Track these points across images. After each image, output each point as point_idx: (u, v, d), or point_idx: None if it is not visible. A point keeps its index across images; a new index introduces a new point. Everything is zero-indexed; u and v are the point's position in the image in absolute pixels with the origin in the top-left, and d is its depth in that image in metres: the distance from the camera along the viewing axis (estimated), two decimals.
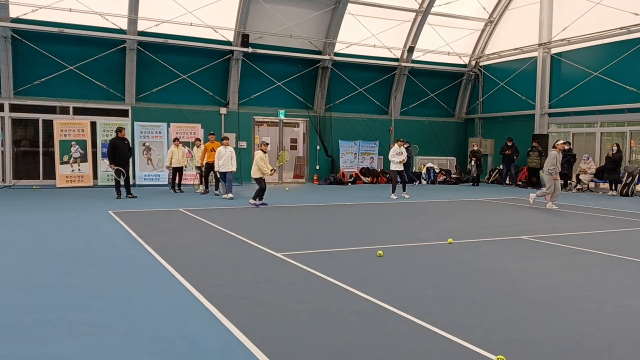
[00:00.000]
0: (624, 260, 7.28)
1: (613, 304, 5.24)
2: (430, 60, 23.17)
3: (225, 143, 14.45)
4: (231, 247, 7.83)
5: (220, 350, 3.94)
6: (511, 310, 5.00)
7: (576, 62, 19.81)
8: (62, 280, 5.83)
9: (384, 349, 3.97)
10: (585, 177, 18.63)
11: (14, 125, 17.74)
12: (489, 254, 7.60)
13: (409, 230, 9.78)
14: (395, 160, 15.30)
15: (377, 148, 22.72)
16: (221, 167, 14.31)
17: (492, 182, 22.54)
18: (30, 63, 17.43)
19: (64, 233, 8.85)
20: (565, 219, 11.61)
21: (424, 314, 4.75)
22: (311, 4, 20.02)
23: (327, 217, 11.46)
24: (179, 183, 16.45)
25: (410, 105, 23.47)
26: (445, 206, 13.78)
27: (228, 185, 14.49)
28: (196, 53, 19.35)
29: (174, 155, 16.14)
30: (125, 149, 14.32)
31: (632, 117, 18.09)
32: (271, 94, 20.89)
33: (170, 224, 10.00)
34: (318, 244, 8.24)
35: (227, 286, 5.69)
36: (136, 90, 18.78)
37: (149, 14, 18.14)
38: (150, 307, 4.93)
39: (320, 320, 4.59)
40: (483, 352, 3.91)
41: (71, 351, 3.88)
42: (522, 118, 21.97)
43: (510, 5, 22.69)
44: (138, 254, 7.23)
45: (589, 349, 4.08)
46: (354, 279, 5.97)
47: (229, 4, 18.95)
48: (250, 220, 10.66)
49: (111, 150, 14.10)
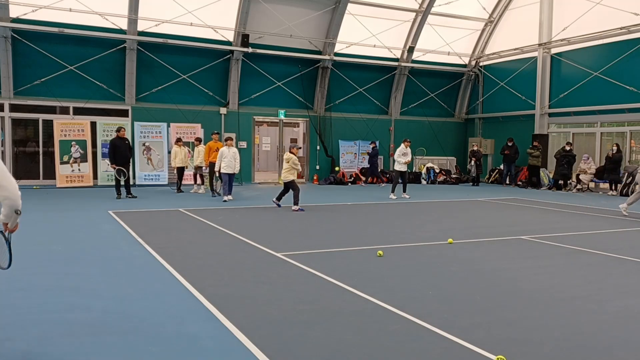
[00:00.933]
0: (624, 260, 7.28)
1: (613, 304, 5.24)
2: (430, 60, 23.17)
3: (228, 144, 13.91)
4: (231, 247, 7.83)
5: (220, 350, 3.94)
6: (511, 310, 5.00)
7: (576, 62, 19.80)
8: (62, 280, 5.83)
9: (384, 349, 3.97)
10: (585, 177, 18.63)
11: (14, 125, 17.73)
12: (489, 254, 7.60)
13: (409, 230, 9.78)
14: (400, 161, 15.27)
15: (377, 148, 22.68)
16: (224, 168, 13.71)
17: (492, 182, 22.54)
18: (30, 63, 17.42)
19: (64, 233, 8.85)
20: (565, 219, 11.61)
21: (424, 314, 4.75)
22: (311, 4, 20.01)
23: (327, 217, 11.46)
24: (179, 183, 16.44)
25: (410, 105, 23.46)
26: (445, 206, 13.78)
27: (228, 187, 14.04)
28: (196, 53, 19.35)
29: (177, 155, 16.16)
30: (126, 149, 14.28)
31: (632, 117, 18.09)
32: (271, 94, 20.88)
33: (170, 224, 10.00)
34: (318, 244, 8.24)
35: (227, 286, 5.69)
36: (136, 90, 18.77)
37: (149, 14, 18.14)
38: (150, 307, 4.93)
39: (320, 320, 4.59)
40: (483, 352, 3.91)
41: (71, 351, 3.88)
42: (522, 118, 21.96)
43: (510, 5, 22.69)
44: (138, 254, 7.23)
45: (589, 349, 4.07)
46: (354, 279, 5.97)
47: (229, 4, 18.94)
48: (250, 220, 10.66)
49: (112, 150, 14.09)
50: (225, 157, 13.76)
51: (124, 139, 14.39)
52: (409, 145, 15.57)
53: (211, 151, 15.37)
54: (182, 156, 16.21)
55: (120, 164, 14.06)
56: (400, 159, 15.25)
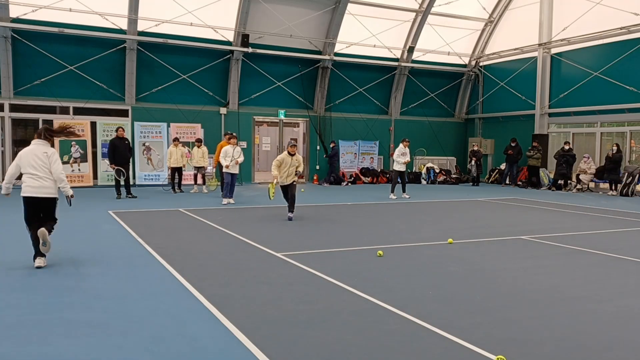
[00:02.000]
0: (624, 260, 7.28)
1: (613, 304, 5.24)
2: (430, 60, 23.17)
3: (232, 142, 13.64)
4: (231, 247, 7.83)
5: (220, 350, 3.94)
6: (511, 310, 5.00)
7: (576, 62, 19.80)
8: (62, 280, 5.83)
9: (384, 349, 3.97)
10: (585, 177, 18.63)
11: (14, 125, 17.73)
12: (489, 254, 7.60)
13: (409, 230, 9.78)
14: (400, 161, 15.26)
15: (377, 148, 22.72)
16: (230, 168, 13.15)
17: (492, 182, 22.54)
18: (30, 63, 17.42)
19: (63, 233, 8.84)
20: (565, 219, 11.61)
21: (424, 314, 4.74)
22: (311, 4, 20.01)
23: (327, 217, 11.45)
24: (179, 183, 16.40)
25: (410, 105, 23.46)
26: (445, 206, 13.77)
27: (231, 189, 13.45)
28: (196, 53, 19.34)
29: (172, 155, 16.09)
30: (126, 149, 14.25)
31: (632, 117, 18.09)
32: (271, 94, 20.88)
33: (170, 224, 10.00)
34: (318, 244, 8.23)
35: (227, 286, 5.69)
36: (136, 90, 18.77)
37: (149, 14, 18.14)
38: (150, 307, 4.93)
39: (320, 320, 4.59)
40: (483, 352, 3.91)
41: (71, 351, 3.88)
42: (522, 118, 21.96)
43: (510, 5, 22.69)
44: (138, 254, 7.23)
45: (589, 349, 4.07)
46: (354, 279, 5.97)
47: (229, 4, 18.94)
48: (250, 221, 10.65)
49: (111, 150, 14.07)
50: (227, 156, 13.16)
51: (123, 139, 14.37)
52: (407, 145, 15.55)
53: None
54: (177, 156, 16.01)
55: (119, 164, 14.03)
56: (399, 159, 15.26)
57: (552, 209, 13.39)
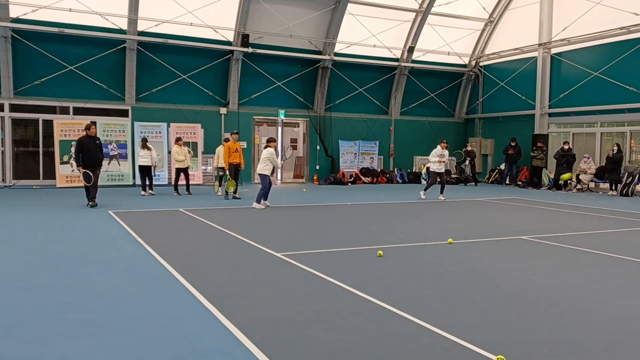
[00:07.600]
0: (624, 260, 7.28)
1: (613, 304, 5.24)
2: (430, 60, 23.17)
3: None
4: (231, 247, 7.83)
5: (220, 350, 3.94)
6: (511, 310, 5.00)
7: (576, 62, 19.80)
8: (62, 280, 5.83)
9: (384, 349, 3.97)
10: (585, 177, 18.63)
11: (14, 125, 17.73)
12: (489, 254, 7.60)
13: (409, 230, 9.78)
14: (434, 161, 15.28)
15: (377, 148, 22.72)
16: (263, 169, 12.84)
17: (492, 182, 22.55)
18: (30, 63, 17.42)
19: (63, 233, 8.85)
20: (565, 219, 11.61)
21: (424, 314, 4.74)
22: (311, 4, 20.01)
23: (327, 217, 11.45)
24: (187, 185, 15.71)
25: (410, 105, 23.46)
26: (445, 206, 13.77)
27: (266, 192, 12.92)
28: (196, 53, 19.35)
29: (179, 155, 15.55)
30: (97, 150, 12.27)
31: (632, 117, 18.10)
32: (271, 94, 20.89)
33: (170, 224, 10.00)
34: (318, 244, 8.23)
35: (227, 286, 5.69)
36: (136, 90, 18.78)
37: (149, 14, 18.14)
38: (150, 307, 4.93)
39: (320, 320, 4.59)
40: (483, 352, 3.91)
41: (71, 351, 3.88)
42: (522, 118, 21.97)
43: (510, 5, 22.69)
44: (138, 254, 7.23)
45: (589, 349, 4.07)
46: (354, 279, 5.97)
47: (229, 4, 18.94)
48: (250, 220, 10.66)
49: (78, 151, 12.00)
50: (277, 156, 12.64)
51: (94, 137, 12.39)
52: (446, 147, 15.51)
53: (230, 152, 14.38)
54: (182, 156, 15.62)
55: (89, 166, 12.04)
56: (433, 159, 15.28)
57: (552, 209, 13.39)
